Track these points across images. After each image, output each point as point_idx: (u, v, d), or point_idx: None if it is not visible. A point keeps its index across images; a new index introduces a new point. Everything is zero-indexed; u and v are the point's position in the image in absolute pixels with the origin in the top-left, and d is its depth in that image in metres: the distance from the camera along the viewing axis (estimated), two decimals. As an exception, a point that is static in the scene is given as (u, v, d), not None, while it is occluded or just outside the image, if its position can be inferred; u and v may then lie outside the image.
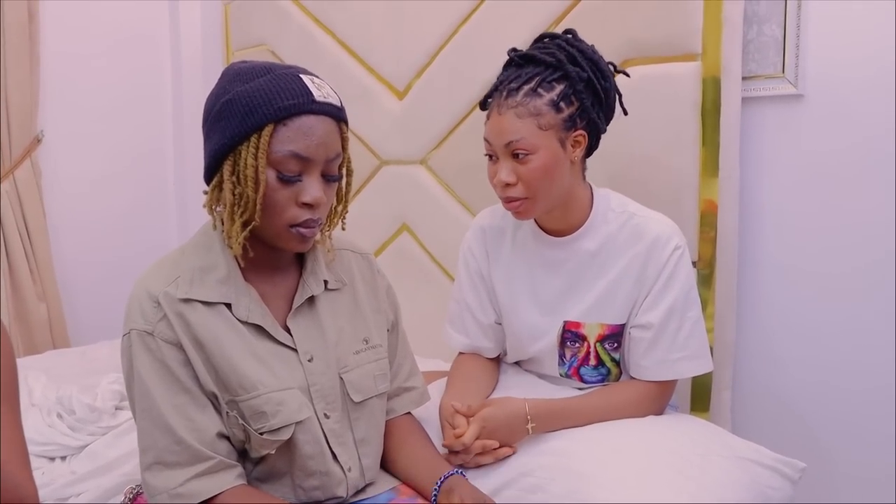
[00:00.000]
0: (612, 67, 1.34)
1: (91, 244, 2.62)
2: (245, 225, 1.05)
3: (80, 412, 1.63)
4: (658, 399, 1.34)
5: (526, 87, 1.25)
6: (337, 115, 1.06)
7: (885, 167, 1.55)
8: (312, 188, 1.04)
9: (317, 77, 1.07)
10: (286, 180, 1.02)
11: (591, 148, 1.35)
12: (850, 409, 1.63)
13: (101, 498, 1.41)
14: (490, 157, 1.32)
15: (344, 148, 1.09)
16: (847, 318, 1.62)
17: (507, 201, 1.31)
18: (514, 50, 1.33)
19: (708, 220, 1.63)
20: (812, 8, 1.58)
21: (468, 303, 1.48)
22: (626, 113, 1.38)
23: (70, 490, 1.44)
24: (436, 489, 1.14)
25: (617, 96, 1.36)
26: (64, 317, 2.51)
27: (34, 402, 1.74)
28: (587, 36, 1.35)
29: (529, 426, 1.24)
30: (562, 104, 1.26)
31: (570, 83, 1.26)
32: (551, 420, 1.27)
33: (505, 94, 1.27)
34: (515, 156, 1.26)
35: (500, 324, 1.49)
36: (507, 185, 1.28)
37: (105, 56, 2.61)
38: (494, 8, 1.90)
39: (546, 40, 1.34)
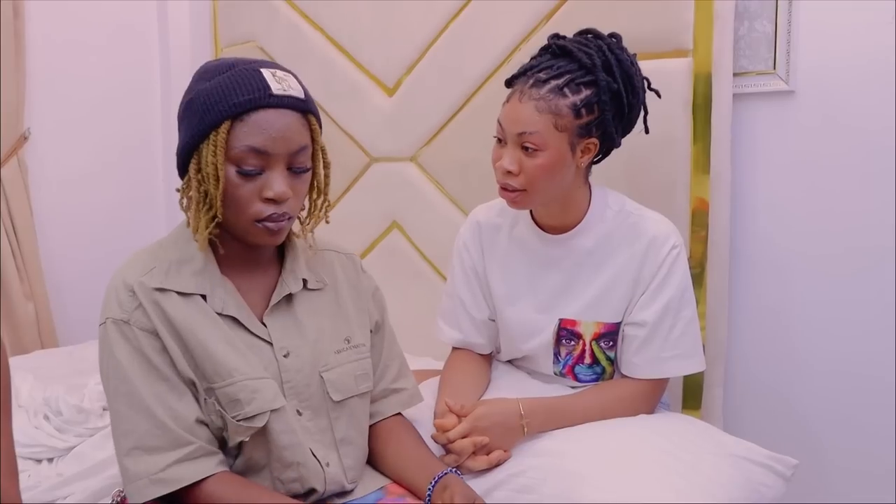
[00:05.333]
0: (646, 83, 1.32)
1: (79, 242, 2.59)
2: (210, 221, 1.05)
3: (67, 413, 1.62)
4: (649, 397, 1.33)
5: (553, 83, 1.23)
6: (300, 106, 1.05)
7: (877, 163, 1.54)
8: (276, 182, 1.03)
9: (280, 70, 1.06)
10: (246, 175, 1.02)
11: (601, 155, 1.34)
12: (845, 406, 1.63)
13: (88, 500, 1.40)
14: (498, 139, 1.30)
15: (314, 139, 1.08)
16: (840, 315, 1.62)
17: (505, 189, 1.30)
18: (555, 36, 1.31)
19: (699, 219, 1.63)
20: (803, 4, 1.58)
21: (462, 298, 1.47)
22: (647, 131, 1.36)
23: (57, 493, 1.42)
24: (430, 488, 1.13)
25: (643, 113, 1.34)
26: (52, 316, 2.48)
27: (21, 403, 1.72)
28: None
29: (524, 423, 1.23)
30: (583, 110, 1.24)
31: (597, 91, 1.24)
32: (545, 419, 1.26)
33: (531, 82, 1.25)
34: (524, 148, 1.25)
35: (493, 320, 1.48)
36: (509, 172, 1.27)
37: (93, 52, 2.57)
38: (484, 3, 1.89)
39: (589, 36, 1.31)
